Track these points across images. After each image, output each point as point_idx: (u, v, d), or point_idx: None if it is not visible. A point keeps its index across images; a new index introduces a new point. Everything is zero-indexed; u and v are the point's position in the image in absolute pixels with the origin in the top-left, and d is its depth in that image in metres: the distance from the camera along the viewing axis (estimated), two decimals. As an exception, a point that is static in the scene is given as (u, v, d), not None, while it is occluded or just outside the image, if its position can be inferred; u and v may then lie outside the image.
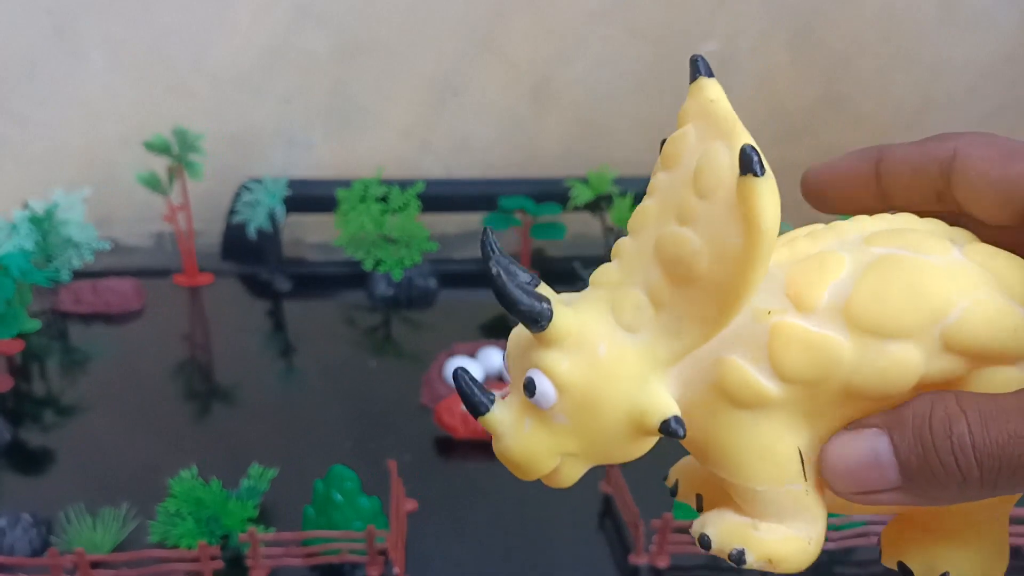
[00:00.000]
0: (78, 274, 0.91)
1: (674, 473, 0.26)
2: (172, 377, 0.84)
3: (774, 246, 0.19)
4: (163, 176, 0.93)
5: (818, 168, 0.25)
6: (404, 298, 0.96)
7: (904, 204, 0.23)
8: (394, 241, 0.96)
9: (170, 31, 0.97)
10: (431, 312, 0.95)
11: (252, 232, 0.95)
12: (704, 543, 0.22)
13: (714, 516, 0.22)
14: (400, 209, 0.96)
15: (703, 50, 1.00)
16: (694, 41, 1.01)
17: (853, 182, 0.24)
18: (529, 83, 1.04)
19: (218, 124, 0.99)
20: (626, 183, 0.98)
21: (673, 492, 0.26)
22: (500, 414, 0.21)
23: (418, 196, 0.97)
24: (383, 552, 0.62)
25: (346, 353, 0.87)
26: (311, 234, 1.06)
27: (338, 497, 0.61)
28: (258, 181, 0.97)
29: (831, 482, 0.21)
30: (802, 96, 1.05)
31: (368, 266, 0.96)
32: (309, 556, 0.62)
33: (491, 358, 0.81)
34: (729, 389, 0.21)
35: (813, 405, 0.21)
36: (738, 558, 0.21)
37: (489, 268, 0.20)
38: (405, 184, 0.97)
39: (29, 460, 0.73)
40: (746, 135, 0.19)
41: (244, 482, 0.66)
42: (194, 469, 0.66)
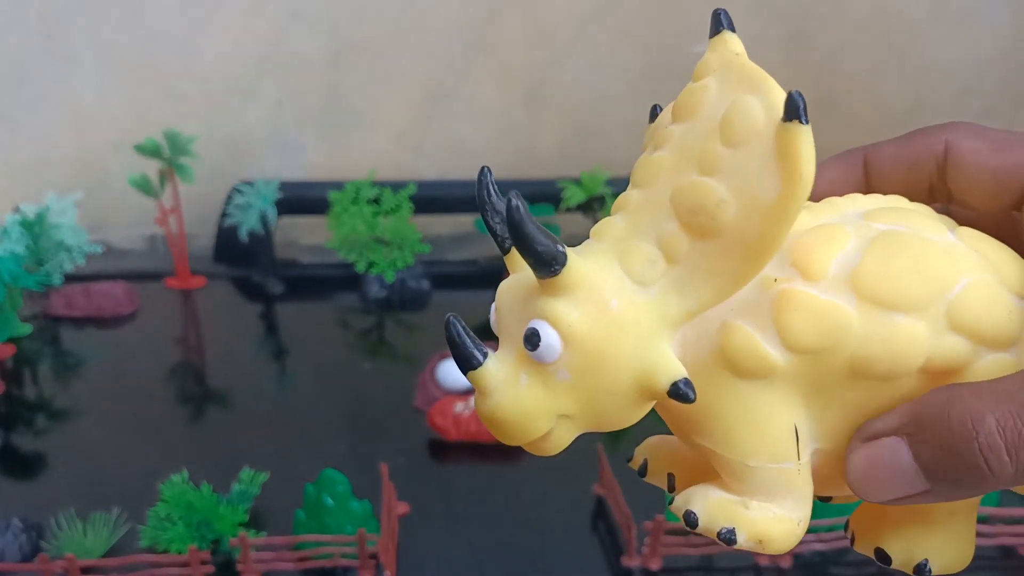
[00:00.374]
0: (70, 278, 0.91)
1: (641, 452, 0.25)
2: (164, 381, 0.84)
3: (807, 198, 0.18)
4: (155, 179, 0.92)
5: None
6: (397, 300, 0.96)
7: None
8: (387, 243, 0.96)
9: (161, 34, 0.97)
10: (424, 314, 0.95)
11: (244, 235, 0.95)
12: (690, 521, 0.21)
13: (699, 492, 0.21)
14: (392, 211, 0.96)
15: (694, 52, 1.00)
16: (686, 43, 1.01)
17: (842, 188, 0.24)
18: (522, 85, 1.04)
19: (210, 127, 0.99)
20: (619, 184, 0.98)
21: (642, 472, 0.24)
22: (493, 368, 0.19)
23: (410, 198, 0.96)
24: (374, 556, 0.62)
25: (339, 355, 0.87)
26: (303, 236, 1.06)
27: (329, 501, 0.61)
28: (250, 184, 0.97)
29: (862, 496, 0.20)
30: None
31: (361, 268, 0.95)
32: (300, 560, 0.62)
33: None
34: (732, 355, 0.20)
35: (816, 380, 0.20)
36: (728, 537, 0.20)
37: (509, 199, 0.18)
38: (397, 186, 0.97)
39: (20, 465, 0.73)
40: (780, 88, 0.18)
41: (235, 486, 0.65)
42: (185, 473, 0.66)
